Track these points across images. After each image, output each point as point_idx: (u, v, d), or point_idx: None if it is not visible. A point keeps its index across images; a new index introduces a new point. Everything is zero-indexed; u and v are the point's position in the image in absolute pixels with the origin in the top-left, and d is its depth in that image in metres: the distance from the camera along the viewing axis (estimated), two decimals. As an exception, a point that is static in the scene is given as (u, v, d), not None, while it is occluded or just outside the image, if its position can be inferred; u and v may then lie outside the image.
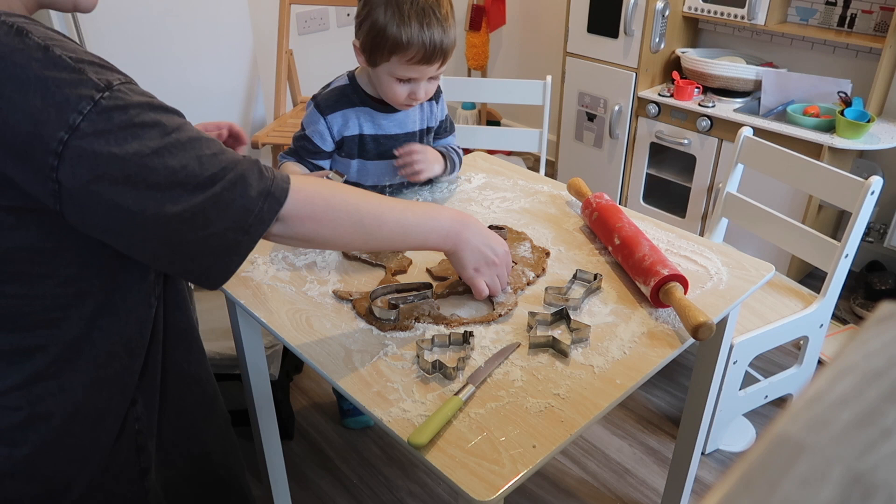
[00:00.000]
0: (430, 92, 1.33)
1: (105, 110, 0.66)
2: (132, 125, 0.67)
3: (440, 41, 1.22)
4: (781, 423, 0.25)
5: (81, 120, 0.64)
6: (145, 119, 0.69)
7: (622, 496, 1.65)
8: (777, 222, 1.70)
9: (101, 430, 0.84)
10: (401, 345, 0.99)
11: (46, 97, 0.64)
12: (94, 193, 0.67)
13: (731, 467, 0.25)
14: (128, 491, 0.88)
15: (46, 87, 0.64)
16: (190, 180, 0.70)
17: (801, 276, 2.37)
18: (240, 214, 0.73)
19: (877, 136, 2.07)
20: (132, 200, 0.68)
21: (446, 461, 0.80)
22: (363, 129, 1.35)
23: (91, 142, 0.65)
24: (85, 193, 0.66)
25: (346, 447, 1.78)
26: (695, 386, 1.34)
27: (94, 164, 0.65)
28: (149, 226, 0.69)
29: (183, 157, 0.70)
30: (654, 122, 2.49)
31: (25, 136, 0.64)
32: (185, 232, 0.71)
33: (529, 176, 1.54)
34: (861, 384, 0.26)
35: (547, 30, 3.18)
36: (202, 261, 0.74)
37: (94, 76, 0.67)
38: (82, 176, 0.66)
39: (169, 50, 2.25)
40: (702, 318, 0.96)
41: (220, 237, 0.73)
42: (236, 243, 0.75)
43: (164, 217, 0.69)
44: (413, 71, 1.25)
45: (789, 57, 2.45)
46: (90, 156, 0.65)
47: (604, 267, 1.19)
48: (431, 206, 0.98)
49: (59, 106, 0.64)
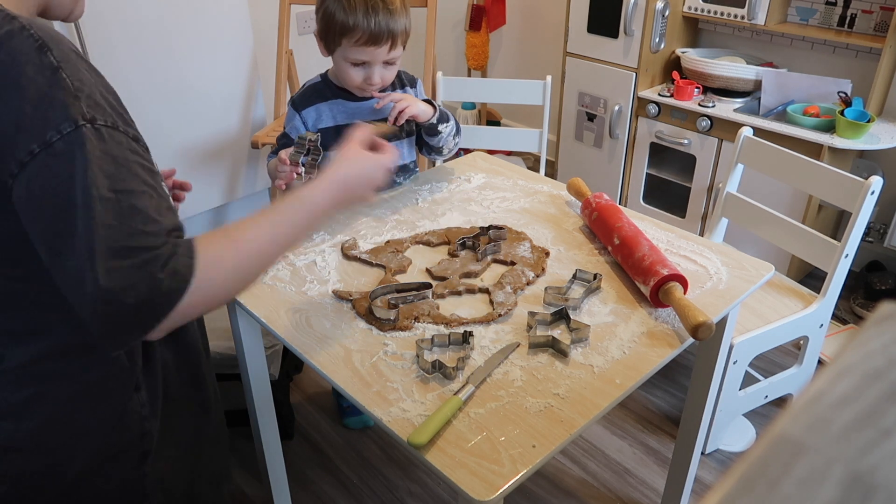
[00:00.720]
0: (387, 77, 1.38)
1: (79, 138, 0.69)
2: (92, 164, 0.69)
3: (385, 23, 1.29)
4: (781, 423, 0.25)
5: (58, 139, 0.68)
6: (105, 166, 0.70)
7: (622, 496, 1.65)
8: (777, 222, 1.70)
9: (105, 410, 0.86)
10: (400, 345, 0.99)
11: (38, 110, 0.69)
12: (36, 207, 0.70)
13: (731, 467, 0.24)
14: (128, 473, 0.90)
15: (41, 101, 0.69)
16: (110, 242, 0.68)
17: (801, 276, 2.37)
18: (151, 285, 0.69)
19: (877, 136, 2.07)
20: (60, 229, 0.69)
21: (446, 461, 0.80)
22: (337, 119, 1.42)
23: (54, 161, 0.69)
24: (27, 205, 0.70)
25: (346, 447, 1.78)
26: (695, 386, 1.34)
27: (47, 183, 0.69)
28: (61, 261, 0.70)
29: (117, 218, 0.69)
30: (654, 122, 2.49)
31: (5, 138, 0.69)
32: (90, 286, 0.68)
33: (529, 176, 1.54)
34: (861, 384, 0.26)
35: (547, 30, 3.18)
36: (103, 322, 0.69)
37: (85, 107, 0.70)
38: (33, 188, 0.69)
39: (169, 50, 2.25)
40: (701, 318, 0.96)
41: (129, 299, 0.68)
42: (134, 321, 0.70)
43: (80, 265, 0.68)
44: (363, 53, 1.31)
45: (789, 57, 2.45)
46: (49, 171, 0.69)
47: (603, 267, 1.19)
48: (304, 193, 0.88)
49: (44, 121, 0.68)
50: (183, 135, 2.40)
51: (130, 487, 0.91)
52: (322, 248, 1.25)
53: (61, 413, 0.83)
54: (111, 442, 0.88)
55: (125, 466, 0.90)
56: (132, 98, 2.09)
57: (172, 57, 2.27)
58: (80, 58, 0.74)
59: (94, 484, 0.88)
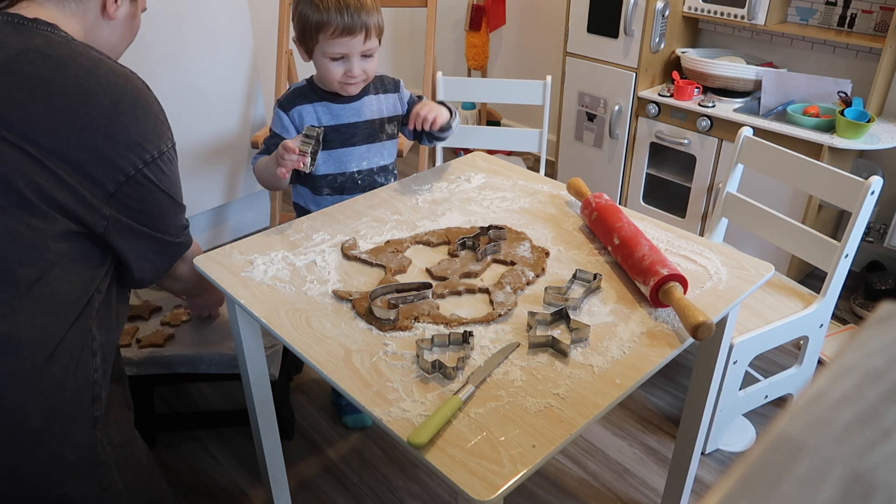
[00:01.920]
0: (369, 70, 1.41)
1: (171, 156, 1.14)
2: (176, 174, 1.17)
3: (357, 15, 1.34)
4: (781, 423, 0.25)
5: (158, 156, 1.10)
6: (178, 177, 1.18)
7: (622, 496, 1.65)
8: (777, 222, 1.70)
9: (57, 366, 0.97)
10: (400, 345, 0.99)
11: (157, 127, 1.10)
12: (136, 200, 1.09)
13: (731, 467, 0.24)
14: (81, 435, 1.00)
15: (159, 121, 1.11)
16: (179, 227, 1.22)
17: (801, 276, 2.37)
18: (179, 250, 1.24)
19: (877, 136, 2.07)
20: (159, 219, 1.15)
21: (446, 461, 0.80)
22: (321, 121, 1.45)
23: (155, 171, 1.10)
24: (127, 200, 1.08)
25: (346, 447, 1.78)
26: (694, 386, 1.34)
27: (147, 189, 1.10)
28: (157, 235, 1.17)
29: (180, 214, 1.21)
30: (654, 122, 2.49)
31: (131, 143, 1.05)
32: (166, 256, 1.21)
33: (529, 176, 1.54)
34: (861, 384, 0.26)
35: (547, 30, 3.18)
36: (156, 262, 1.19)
37: (168, 130, 1.14)
38: (133, 195, 1.08)
39: (169, 50, 2.25)
40: (701, 318, 0.96)
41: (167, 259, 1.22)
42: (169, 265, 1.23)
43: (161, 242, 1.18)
44: (340, 45, 1.35)
45: (789, 57, 2.45)
46: (150, 179, 1.10)
47: (603, 267, 1.19)
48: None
49: (158, 136, 1.10)
50: (183, 135, 2.38)
51: (86, 453, 1.00)
52: (322, 248, 1.25)
53: (18, 366, 0.94)
54: (65, 400, 0.97)
55: (79, 428, 1.00)
56: (132, 98, 2.09)
57: (172, 57, 2.27)
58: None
59: (50, 446, 0.96)
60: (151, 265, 1.16)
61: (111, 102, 1.03)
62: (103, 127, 1.01)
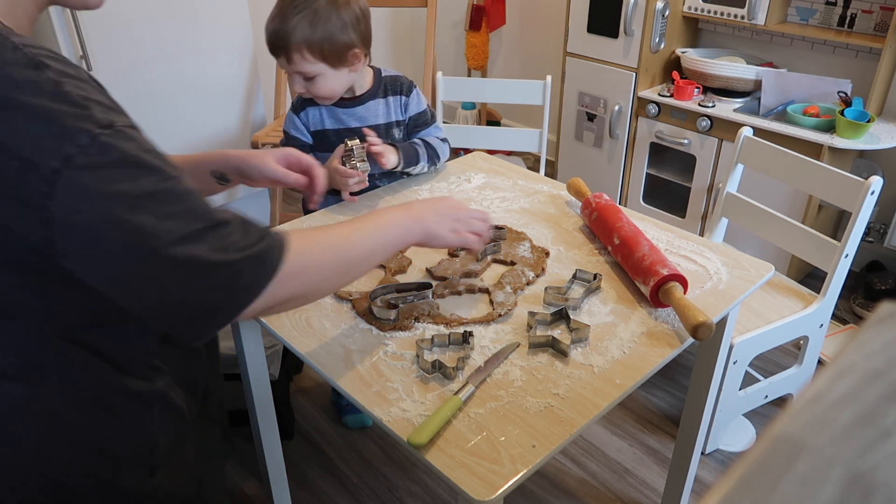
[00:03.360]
0: (328, 90, 1.35)
1: (102, 146, 0.67)
2: (126, 165, 0.68)
3: (277, 34, 1.26)
4: (781, 423, 0.25)
5: (77, 152, 0.65)
6: (141, 161, 0.69)
7: (622, 496, 1.65)
8: (777, 222, 1.70)
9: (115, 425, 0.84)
10: (400, 345, 0.99)
11: (48, 128, 0.65)
12: (82, 228, 0.67)
13: (731, 467, 0.24)
14: (137, 487, 0.88)
15: (50, 118, 0.66)
16: (178, 229, 0.69)
17: (801, 276, 2.36)
18: (227, 275, 0.71)
19: (877, 136, 2.06)
20: (118, 239, 0.67)
21: (446, 461, 0.80)
22: (325, 124, 1.45)
23: (83, 174, 0.66)
24: (73, 227, 0.67)
25: (346, 447, 1.78)
26: (694, 386, 1.34)
27: (83, 198, 0.66)
28: (129, 268, 0.69)
29: (175, 205, 0.70)
30: (654, 122, 2.49)
31: (22, 160, 0.65)
32: (166, 280, 0.69)
33: (529, 176, 1.54)
34: (861, 384, 0.26)
35: (547, 30, 3.18)
36: (181, 312, 0.72)
37: (99, 114, 0.68)
38: (71, 208, 0.66)
39: (169, 50, 2.25)
40: (701, 318, 0.96)
41: (202, 293, 0.71)
42: (220, 304, 0.73)
43: (147, 261, 0.69)
44: (282, 64, 1.32)
45: (789, 57, 2.45)
46: (81, 189, 0.66)
47: (603, 267, 1.19)
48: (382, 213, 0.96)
49: (58, 136, 0.65)
50: (183, 135, 2.40)
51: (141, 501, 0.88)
52: (322, 248, 1.24)
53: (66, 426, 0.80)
54: (119, 456, 0.84)
55: (134, 480, 0.87)
56: (132, 98, 2.09)
57: (172, 57, 2.27)
58: (80, 70, 0.73)
59: (103, 499, 0.85)
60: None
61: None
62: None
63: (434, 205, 1.01)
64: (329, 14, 1.25)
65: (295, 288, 0.78)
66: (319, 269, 0.82)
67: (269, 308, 0.77)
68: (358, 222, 0.92)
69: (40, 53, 0.69)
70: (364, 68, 1.42)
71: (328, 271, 0.84)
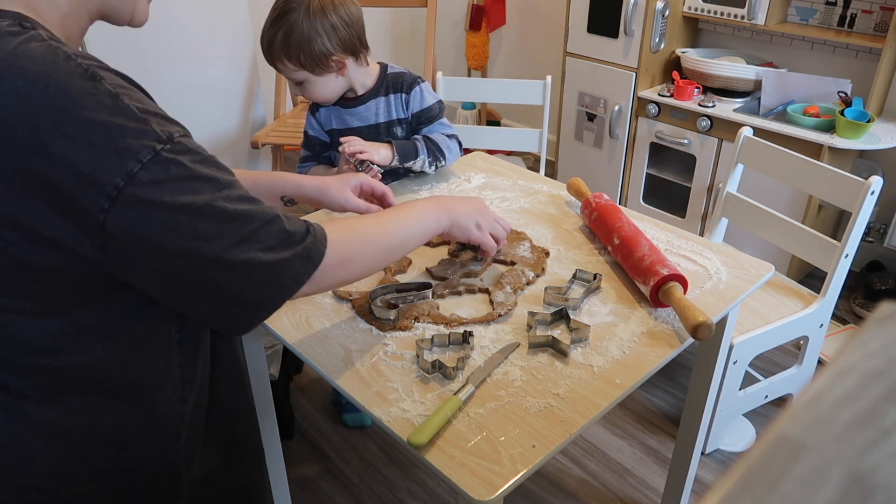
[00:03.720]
0: (317, 94, 1.41)
1: (163, 161, 0.68)
2: (187, 178, 0.70)
3: (267, 44, 1.33)
4: (781, 423, 0.25)
5: (140, 168, 0.67)
6: (200, 173, 0.71)
7: (622, 496, 1.65)
8: (777, 222, 1.70)
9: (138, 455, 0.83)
10: (400, 345, 0.99)
11: (110, 142, 0.66)
12: (140, 239, 0.68)
13: (731, 467, 0.24)
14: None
15: (111, 133, 0.66)
16: (236, 234, 0.72)
17: (801, 276, 2.37)
18: (277, 273, 0.75)
19: (877, 136, 2.06)
20: (178, 247, 0.70)
21: (446, 461, 0.80)
22: (333, 124, 1.49)
23: (146, 190, 0.67)
24: (130, 239, 0.68)
25: (346, 447, 1.78)
26: (694, 386, 1.34)
27: (145, 211, 0.68)
28: (187, 272, 0.71)
29: (232, 210, 0.72)
30: (654, 122, 2.49)
31: (83, 177, 0.65)
32: (222, 280, 0.73)
33: (529, 176, 1.54)
34: (861, 384, 0.26)
35: (547, 30, 3.18)
36: (230, 308, 0.75)
37: (158, 128, 0.69)
38: (131, 222, 0.67)
39: (169, 50, 2.25)
40: (701, 318, 0.96)
41: (254, 290, 0.75)
42: (268, 300, 0.77)
43: (206, 265, 0.71)
44: (277, 69, 1.38)
45: (789, 57, 2.45)
46: (142, 203, 0.67)
47: (603, 267, 1.19)
48: (414, 204, 1.01)
49: (121, 153, 0.66)
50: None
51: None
52: (322, 248, 1.24)
53: (82, 456, 0.79)
54: (140, 483, 0.84)
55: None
56: (132, 98, 2.09)
57: (172, 57, 2.27)
58: (125, 78, 0.73)
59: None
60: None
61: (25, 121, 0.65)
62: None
63: (465, 201, 1.08)
64: (305, 25, 1.30)
65: (336, 277, 0.84)
66: (359, 259, 0.87)
67: (311, 293, 0.83)
68: (392, 212, 0.98)
69: (93, 65, 0.69)
70: (362, 69, 1.44)
71: (367, 259, 0.89)
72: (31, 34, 0.69)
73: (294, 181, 1.17)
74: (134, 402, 0.81)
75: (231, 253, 0.72)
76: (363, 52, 1.40)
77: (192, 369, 0.85)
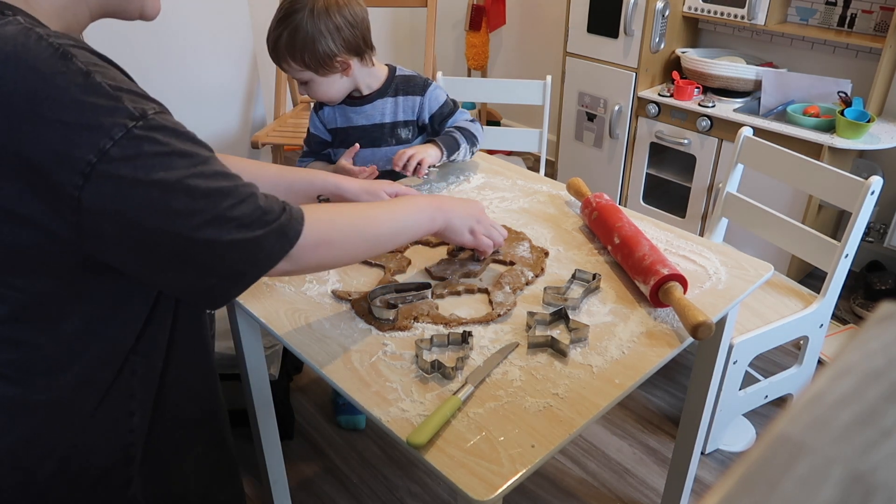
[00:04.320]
0: (323, 93, 1.42)
1: (136, 138, 0.68)
2: (161, 154, 0.70)
3: (273, 44, 1.35)
4: (781, 423, 0.25)
5: (112, 145, 0.67)
6: (175, 149, 0.71)
7: (622, 496, 1.65)
8: (777, 222, 1.70)
9: (92, 430, 0.83)
10: (400, 345, 0.99)
11: (81, 120, 0.66)
12: (114, 215, 0.69)
13: (731, 467, 0.24)
14: (111, 497, 0.87)
15: (83, 110, 0.67)
16: (210, 209, 0.72)
17: (801, 276, 2.36)
18: (252, 249, 0.76)
19: (877, 136, 2.06)
20: (151, 223, 0.70)
21: (445, 461, 0.80)
22: (338, 122, 1.50)
23: (118, 167, 0.67)
24: (104, 215, 0.69)
25: (346, 447, 1.78)
26: (694, 386, 1.34)
27: (118, 187, 0.68)
28: (162, 248, 0.72)
29: (207, 187, 0.73)
30: (654, 122, 2.49)
31: (56, 155, 0.66)
32: (196, 255, 0.74)
33: (528, 176, 1.53)
34: (861, 384, 0.26)
35: (547, 30, 3.18)
36: (206, 281, 0.76)
37: (130, 105, 0.69)
38: (105, 198, 0.68)
39: (169, 50, 2.25)
40: (701, 318, 0.96)
41: (229, 265, 0.76)
42: (243, 274, 0.77)
43: (179, 241, 0.72)
44: (282, 69, 1.40)
45: (789, 57, 2.45)
46: (115, 179, 0.68)
47: (603, 267, 1.19)
48: (410, 198, 1.03)
49: (92, 130, 0.67)
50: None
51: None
52: (321, 247, 1.24)
53: (42, 427, 0.80)
54: (93, 464, 0.84)
55: (107, 490, 0.86)
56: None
57: (173, 56, 2.27)
58: (101, 57, 0.73)
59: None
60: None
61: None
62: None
63: (461, 203, 1.09)
64: (309, 26, 1.30)
65: (314, 258, 0.84)
66: (339, 242, 0.87)
67: (291, 272, 0.83)
68: (385, 204, 1.00)
69: (66, 43, 0.69)
70: (368, 69, 1.44)
71: (349, 245, 0.89)
72: (9, 19, 0.70)
73: (334, 183, 1.21)
74: (90, 378, 0.80)
75: (205, 229, 0.72)
76: (368, 52, 1.40)
77: (149, 344, 0.85)
